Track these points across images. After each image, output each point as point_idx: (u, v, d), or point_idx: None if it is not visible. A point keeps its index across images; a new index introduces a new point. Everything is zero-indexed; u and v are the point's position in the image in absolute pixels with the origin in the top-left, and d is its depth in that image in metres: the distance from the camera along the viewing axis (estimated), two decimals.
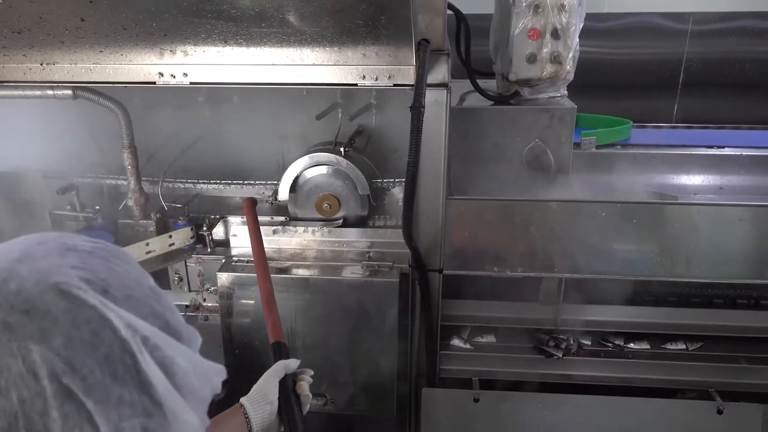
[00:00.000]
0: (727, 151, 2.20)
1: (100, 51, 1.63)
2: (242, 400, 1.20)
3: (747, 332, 2.00)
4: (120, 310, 0.57)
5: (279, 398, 1.23)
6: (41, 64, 1.70)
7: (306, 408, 1.27)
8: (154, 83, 1.67)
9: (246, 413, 1.16)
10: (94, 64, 1.68)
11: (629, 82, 3.30)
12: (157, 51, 1.61)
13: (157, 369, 0.58)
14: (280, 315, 1.51)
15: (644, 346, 2.04)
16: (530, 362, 2.00)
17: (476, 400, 1.90)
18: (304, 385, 1.28)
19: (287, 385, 1.26)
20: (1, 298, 0.52)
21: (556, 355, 2.00)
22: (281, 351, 1.35)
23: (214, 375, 0.68)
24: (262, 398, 1.20)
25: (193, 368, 0.63)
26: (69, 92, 1.76)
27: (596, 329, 2.05)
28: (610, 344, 2.05)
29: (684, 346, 2.03)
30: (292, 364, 1.30)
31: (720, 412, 1.84)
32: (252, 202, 1.83)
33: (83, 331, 0.54)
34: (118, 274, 0.61)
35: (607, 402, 1.90)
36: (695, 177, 2.15)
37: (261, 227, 1.95)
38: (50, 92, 1.76)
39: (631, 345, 2.04)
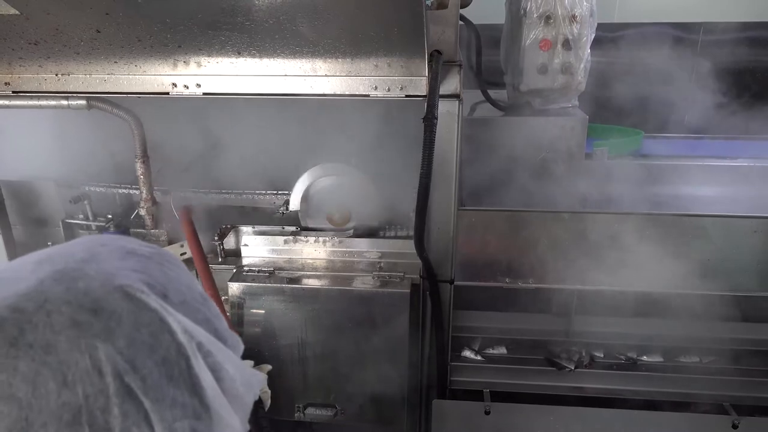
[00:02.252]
0: (739, 162, 2.18)
1: (115, 62, 1.64)
2: None
3: (762, 345, 1.97)
4: (178, 315, 0.60)
5: None
6: (56, 75, 1.72)
7: (267, 404, 1.26)
8: (168, 94, 1.69)
9: None
10: (108, 74, 1.69)
11: (641, 92, 3.29)
12: (170, 62, 1.62)
13: (208, 373, 0.60)
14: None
15: (657, 358, 2.02)
16: (542, 374, 1.99)
17: (487, 413, 1.89)
18: None
19: None
20: (70, 296, 0.54)
21: (568, 367, 1.99)
22: None
23: (256, 383, 0.71)
24: None
25: (240, 375, 0.66)
26: (83, 102, 1.77)
27: (609, 341, 2.03)
28: (622, 357, 2.03)
29: (698, 359, 2.01)
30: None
31: (735, 426, 1.82)
32: (188, 210, 1.81)
33: (144, 333, 0.56)
34: (172, 279, 0.64)
35: (620, 415, 1.88)
36: (708, 188, 2.14)
37: (272, 237, 1.96)
38: (65, 102, 1.77)
39: (644, 358, 2.02)
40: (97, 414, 0.51)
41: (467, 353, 2.06)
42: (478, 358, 2.05)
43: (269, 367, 1.36)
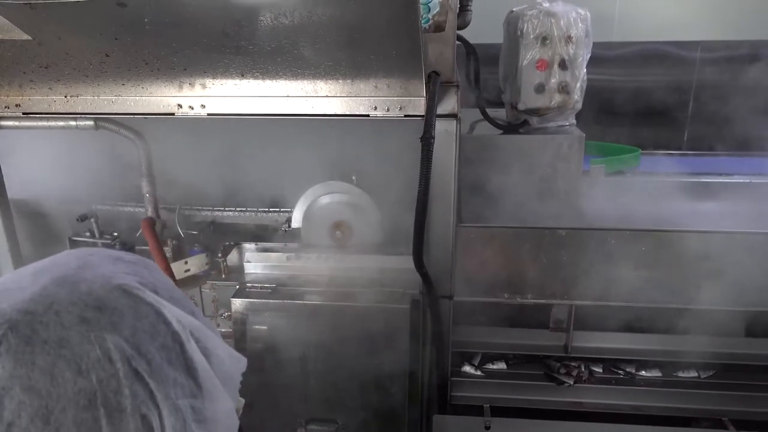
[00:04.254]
0: (736, 179, 2.21)
1: (122, 84, 1.69)
2: None
3: (760, 360, 1.98)
4: (170, 307, 0.66)
5: None
6: (65, 97, 1.77)
7: (239, 412, 1.28)
8: (173, 114, 1.73)
9: None
10: (115, 96, 1.74)
11: (638, 109, 3.33)
12: (176, 84, 1.67)
13: (200, 356, 0.66)
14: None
15: (656, 373, 2.03)
16: (541, 389, 2.00)
17: (487, 428, 1.90)
18: None
19: None
20: (74, 297, 0.60)
21: (567, 382, 2.00)
22: None
23: (242, 365, 0.78)
24: None
25: (227, 357, 0.73)
26: (91, 123, 1.83)
27: (607, 356, 2.04)
28: (621, 372, 2.05)
29: (696, 374, 2.02)
30: None
31: None
32: (150, 222, 1.83)
33: (144, 323, 0.62)
34: (159, 279, 0.71)
35: (619, 430, 1.88)
36: (705, 204, 2.16)
37: (275, 254, 1.99)
38: (73, 123, 1.83)
39: (643, 372, 2.03)
40: (110, 396, 0.57)
41: (467, 368, 2.08)
42: (478, 373, 2.07)
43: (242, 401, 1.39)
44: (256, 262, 2.02)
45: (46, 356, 0.56)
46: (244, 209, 2.17)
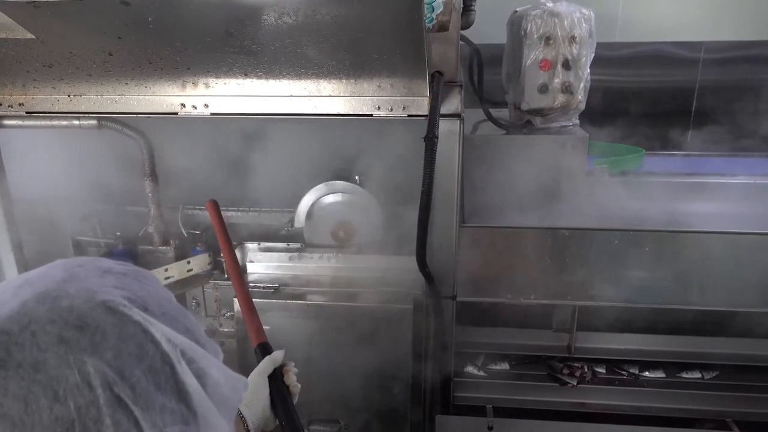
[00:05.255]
0: (740, 179, 2.20)
1: (125, 83, 1.69)
2: None
3: (764, 361, 1.98)
4: (160, 325, 0.62)
5: (271, 393, 1.23)
6: (69, 96, 1.77)
7: (295, 398, 1.27)
8: (176, 114, 1.73)
9: (241, 415, 1.17)
10: (119, 95, 1.74)
11: (642, 110, 3.32)
12: (179, 83, 1.67)
13: (193, 379, 0.62)
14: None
15: (659, 374, 2.03)
16: (544, 390, 2.00)
17: (490, 428, 1.90)
18: (292, 376, 1.28)
19: (277, 379, 1.25)
20: (54, 315, 0.56)
21: (570, 383, 2.00)
22: (267, 351, 1.33)
23: (241, 387, 0.74)
24: (254, 397, 1.20)
25: (224, 379, 0.68)
26: (94, 122, 1.83)
27: (610, 357, 2.04)
28: (624, 372, 2.04)
29: (700, 375, 2.02)
30: (278, 355, 1.29)
31: None
32: (215, 204, 1.81)
33: (130, 344, 0.58)
34: (151, 293, 0.66)
35: (622, 431, 1.88)
36: (708, 205, 2.15)
37: (277, 253, 1.99)
38: (76, 122, 1.83)
39: (646, 373, 2.03)
40: (90, 425, 0.53)
41: (470, 369, 2.07)
42: (481, 373, 2.07)
43: (293, 363, 1.35)
44: (258, 262, 2.02)
45: (20, 381, 0.52)
46: (246, 209, 2.17)
